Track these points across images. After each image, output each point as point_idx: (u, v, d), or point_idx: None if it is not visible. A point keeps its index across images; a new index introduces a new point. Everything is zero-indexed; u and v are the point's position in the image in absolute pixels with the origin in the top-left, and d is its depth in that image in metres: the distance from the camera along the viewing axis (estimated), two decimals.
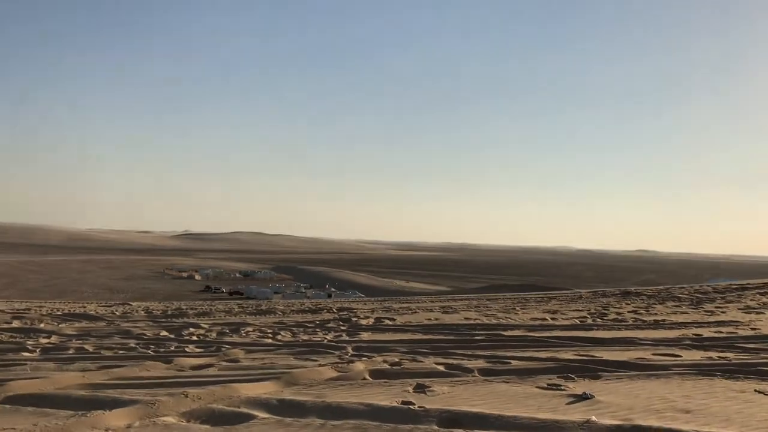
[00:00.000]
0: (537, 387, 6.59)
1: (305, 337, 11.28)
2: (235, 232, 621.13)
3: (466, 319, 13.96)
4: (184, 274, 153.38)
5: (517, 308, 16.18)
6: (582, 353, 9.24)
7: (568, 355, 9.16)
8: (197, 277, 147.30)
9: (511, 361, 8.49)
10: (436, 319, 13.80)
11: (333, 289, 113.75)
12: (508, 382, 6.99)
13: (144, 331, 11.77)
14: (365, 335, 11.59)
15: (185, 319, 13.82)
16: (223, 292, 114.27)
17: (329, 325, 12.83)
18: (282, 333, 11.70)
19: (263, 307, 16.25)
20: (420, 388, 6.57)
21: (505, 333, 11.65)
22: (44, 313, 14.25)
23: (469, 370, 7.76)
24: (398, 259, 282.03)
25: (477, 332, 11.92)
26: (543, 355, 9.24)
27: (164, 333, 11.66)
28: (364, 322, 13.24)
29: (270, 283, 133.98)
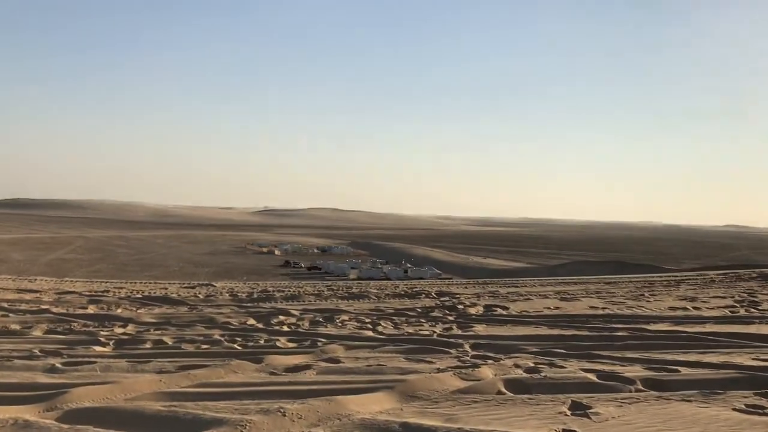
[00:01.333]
0: (734, 409, 4.90)
1: (410, 330, 9.72)
2: (312, 208, 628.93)
3: (591, 308, 12.12)
4: (265, 249, 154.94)
5: (646, 294, 14.16)
6: (762, 357, 7.41)
7: (745, 359, 7.34)
8: (277, 252, 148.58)
9: (679, 368, 6.75)
10: (557, 308, 12.02)
11: (409, 265, 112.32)
12: (690, 401, 5.28)
13: (229, 319, 10.46)
14: (480, 328, 9.93)
15: (273, 304, 12.50)
16: (301, 267, 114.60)
17: (434, 314, 11.23)
18: (382, 323, 10.18)
19: (354, 290, 14.79)
20: (579, 409, 4.96)
21: (648, 327, 9.78)
22: (122, 295, 13.26)
23: (630, 381, 6.08)
24: (473, 235, 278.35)
25: (614, 326, 10.09)
26: (714, 359, 7.43)
27: (252, 321, 10.32)
28: (472, 311, 11.58)
29: (346, 259, 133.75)
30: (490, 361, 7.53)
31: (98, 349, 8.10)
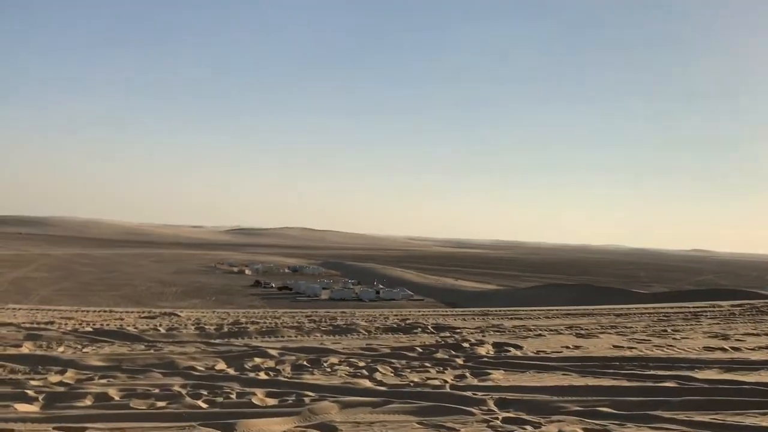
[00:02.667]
0: None
1: (415, 378, 7.98)
2: (283, 227, 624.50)
3: (615, 347, 10.50)
4: (235, 269, 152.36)
5: (668, 330, 12.58)
6: None
7: None
8: (247, 271, 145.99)
9: None
10: (576, 347, 10.38)
11: (381, 286, 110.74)
12: None
13: (194, 362, 8.62)
14: (498, 376, 8.24)
15: (247, 340, 10.67)
16: (272, 287, 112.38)
17: (438, 355, 9.50)
18: (380, 369, 8.42)
19: (340, 322, 12.96)
20: None
21: (696, 375, 8.19)
22: (69, 328, 11.30)
23: None
24: (446, 256, 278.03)
25: (655, 373, 8.48)
26: None
27: (221, 366, 8.48)
28: (482, 351, 9.88)
29: (318, 279, 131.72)
30: (528, 428, 5.87)
31: (21, 408, 6.24)
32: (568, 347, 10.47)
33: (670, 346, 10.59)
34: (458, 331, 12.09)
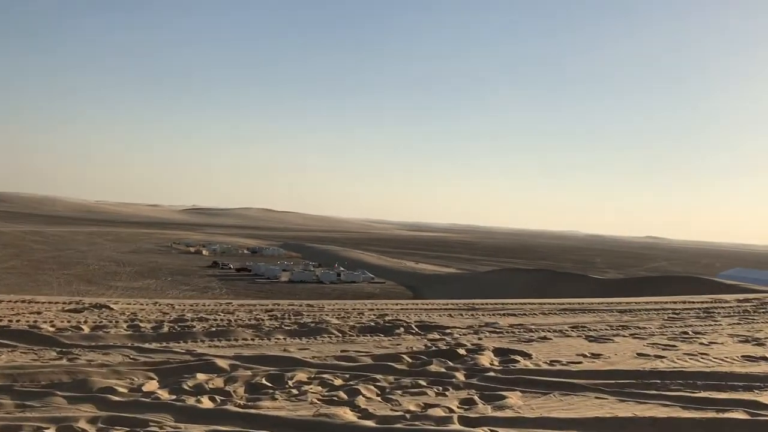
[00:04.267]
0: None
1: (411, 405, 6.01)
2: (243, 208, 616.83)
3: (640, 355, 8.67)
4: (192, 249, 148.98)
5: (689, 332, 10.82)
6: None
7: None
8: (205, 252, 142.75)
9: None
10: (595, 356, 8.51)
11: (342, 269, 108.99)
12: None
13: (116, 379, 6.52)
14: (515, 400, 6.32)
15: (191, 344, 8.56)
16: (230, 268, 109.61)
17: (432, 367, 7.52)
18: (362, 390, 6.43)
19: (307, 320, 10.86)
20: None
21: (764, 401, 6.41)
22: None
23: None
24: (406, 239, 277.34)
25: (705, 393, 6.69)
26: None
27: (151, 386, 6.38)
28: (484, 361, 7.93)
29: (278, 261, 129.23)
30: None
31: None
32: (585, 355, 8.60)
33: (703, 354, 8.80)
34: (448, 331, 10.12)
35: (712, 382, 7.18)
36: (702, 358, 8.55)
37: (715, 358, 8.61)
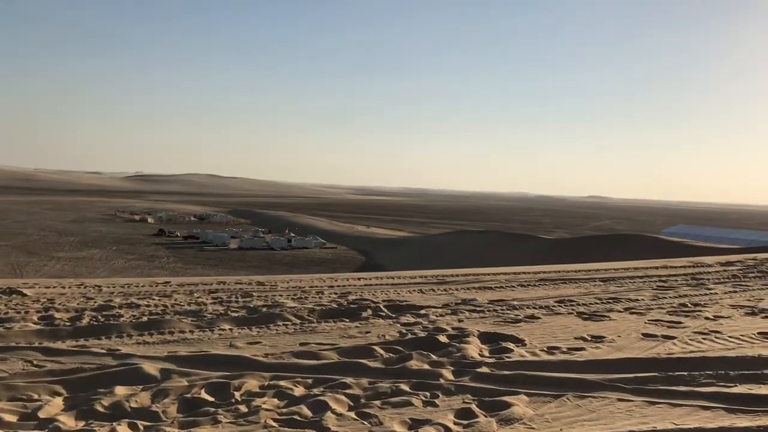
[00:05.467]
0: None
1: (397, 426, 4.64)
2: (188, 174, 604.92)
3: (645, 336, 7.47)
4: (137, 217, 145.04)
5: (687, 303, 9.72)
6: None
7: None
8: (150, 220, 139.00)
9: None
10: (597, 340, 7.28)
11: (293, 234, 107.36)
12: None
13: (7, 399, 4.98)
14: (524, 409, 5.02)
15: (114, 340, 7.01)
16: (177, 236, 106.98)
17: (412, 363, 6.16)
18: (331, 403, 5.03)
19: (258, 302, 9.34)
20: None
21: None
22: None
23: None
24: (358, 204, 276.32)
25: (744, 387, 5.51)
26: None
27: (54, 406, 4.85)
28: (472, 352, 6.61)
29: (226, 228, 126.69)
30: None
31: None
32: (584, 339, 7.36)
33: (716, 333, 7.66)
34: (423, 312, 8.75)
35: (746, 371, 6.01)
36: (717, 338, 7.40)
37: (730, 337, 7.47)
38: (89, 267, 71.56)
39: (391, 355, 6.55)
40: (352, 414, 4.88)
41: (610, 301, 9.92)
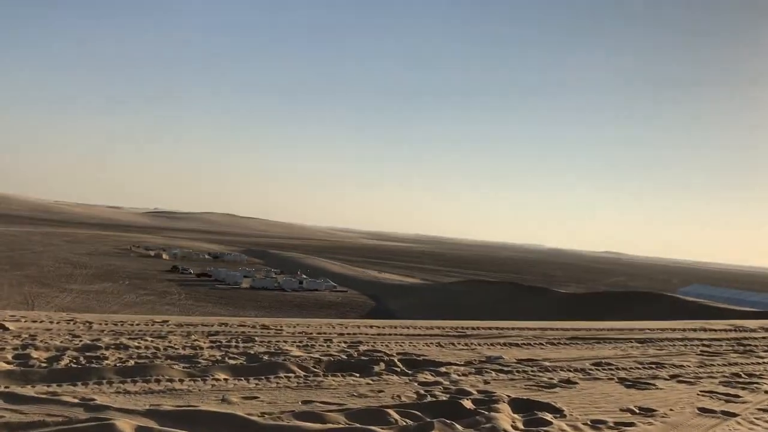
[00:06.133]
0: None
1: None
2: (206, 212, 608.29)
3: (702, 411, 6.46)
4: (152, 253, 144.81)
5: (740, 373, 8.68)
6: None
7: None
8: (165, 256, 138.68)
9: None
10: (647, 414, 6.29)
11: (305, 276, 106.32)
12: None
13: None
14: None
15: (92, 387, 6.09)
16: (190, 273, 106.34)
17: None
18: None
19: (260, 348, 8.44)
20: None
21: None
22: None
23: None
24: (370, 248, 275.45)
25: None
26: None
27: None
28: (504, 423, 5.64)
29: (240, 267, 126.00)
30: None
31: None
32: (632, 411, 6.36)
33: None
34: (443, 370, 7.79)
35: None
36: None
37: None
38: (100, 301, 70.89)
39: (408, 422, 5.60)
40: None
41: (653, 366, 8.90)
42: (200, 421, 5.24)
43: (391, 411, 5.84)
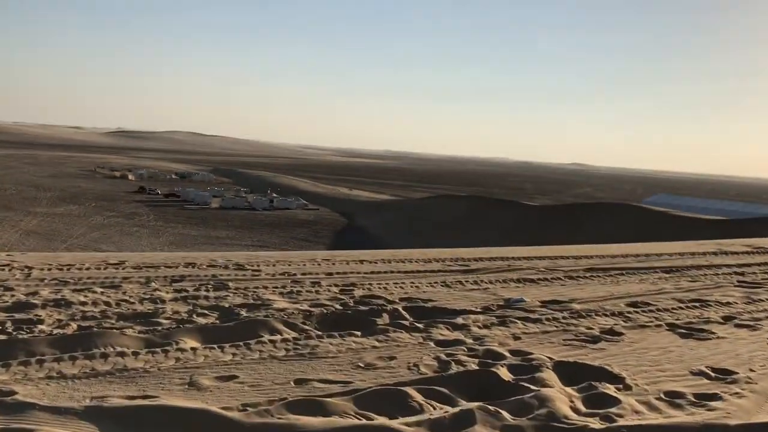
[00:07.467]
0: None
1: None
2: (170, 131, 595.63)
3: None
4: (117, 174, 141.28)
5: None
6: None
7: None
8: (131, 177, 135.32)
9: None
10: (719, 374, 5.04)
11: (275, 195, 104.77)
12: None
13: None
14: None
15: (12, 366, 4.65)
16: (158, 193, 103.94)
17: (476, 426, 3.89)
18: None
19: (236, 299, 6.98)
20: None
21: None
22: None
23: None
24: (339, 166, 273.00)
25: None
26: None
27: None
28: (560, 404, 4.34)
29: (208, 186, 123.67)
30: None
31: None
32: (705, 374, 5.10)
33: None
34: (459, 321, 6.43)
35: None
36: None
37: None
38: (67, 223, 68.90)
39: (435, 405, 4.24)
40: None
41: (696, 304, 7.64)
42: (159, 422, 3.83)
43: (410, 390, 4.47)
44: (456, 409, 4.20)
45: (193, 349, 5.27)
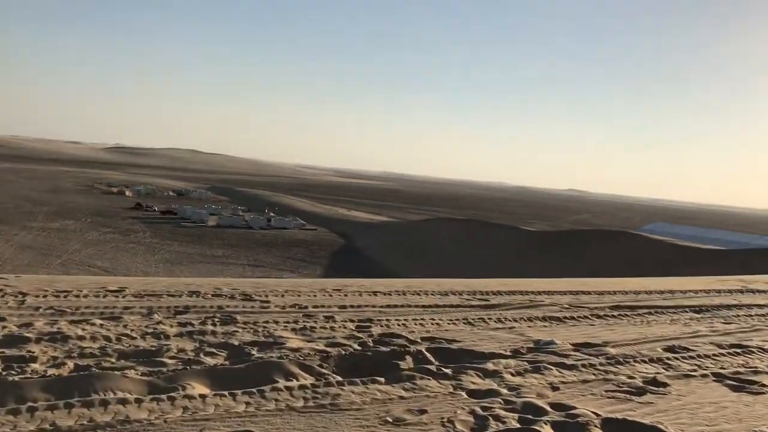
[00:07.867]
0: None
1: None
2: (169, 148, 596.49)
3: None
4: (114, 189, 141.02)
5: None
6: None
7: None
8: (128, 193, 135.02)
9: None
10: None
11: (272, 214, 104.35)
12: None
13: None
14: None
15: None
16: (155, 210, 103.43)
17: None
18: None
19: (246, 336, 6.44)
20: None
21: None
22: None
23: None
24: (337, 186, 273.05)
25: None
26: None
27: None
28: None
29: (205, 204, 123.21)
30: None
31: None
32: None
33: None
34: (488, 367, 5.91)
35: None
36: None
37: None
38: (62, 239, 68.31)
39: None
40: None
41: (738, 351, 7.15)
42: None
43: None
44: None
45: (202, 396, 4.74)
